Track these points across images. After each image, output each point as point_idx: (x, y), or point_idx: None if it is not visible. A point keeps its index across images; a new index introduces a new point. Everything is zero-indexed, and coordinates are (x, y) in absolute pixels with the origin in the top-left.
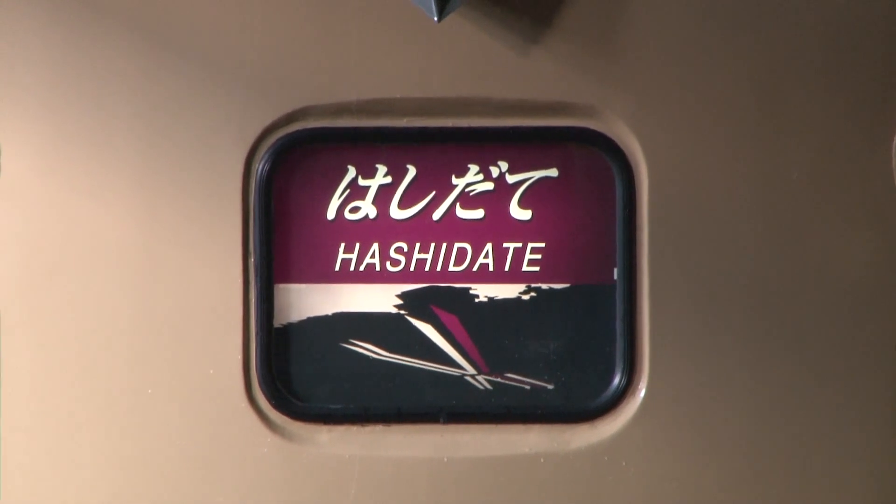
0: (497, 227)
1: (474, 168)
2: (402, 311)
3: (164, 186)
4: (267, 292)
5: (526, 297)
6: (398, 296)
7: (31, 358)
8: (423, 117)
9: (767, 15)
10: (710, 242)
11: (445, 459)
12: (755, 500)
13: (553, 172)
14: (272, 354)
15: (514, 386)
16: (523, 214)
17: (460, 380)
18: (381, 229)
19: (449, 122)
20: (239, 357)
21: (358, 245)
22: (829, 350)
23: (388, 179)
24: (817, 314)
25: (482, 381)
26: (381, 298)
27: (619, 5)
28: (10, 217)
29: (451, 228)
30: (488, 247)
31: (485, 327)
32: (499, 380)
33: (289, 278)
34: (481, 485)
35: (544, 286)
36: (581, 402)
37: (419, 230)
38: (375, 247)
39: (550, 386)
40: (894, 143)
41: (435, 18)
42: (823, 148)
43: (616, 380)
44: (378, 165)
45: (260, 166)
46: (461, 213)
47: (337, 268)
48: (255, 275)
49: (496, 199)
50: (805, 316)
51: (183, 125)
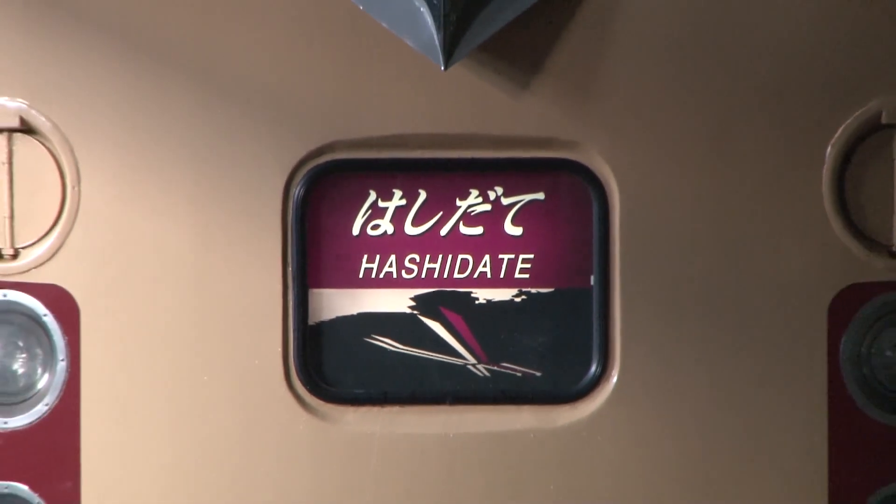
0: (494, 241)
1: (475, 192)
2: (415, 311)
3: (216, 208)
4: (302, 296)
5: (518, 299)
6: (411, 298)
7: (106, 349)
8: (431, 150)
9: (719, 66)
10: (671, 254)
11: (451, 435)
12: (709, 470)
13: (540, 196)
14: (307, 348)
15: (508, 373)
16: (516, 231)
17: (463, 368)
18: (397, 243)
19: (453, 154)
20: (279, 350)
21: (378, 256)
22: (767, 345)
23: (403, 202)
24: (757, 315)
25: (482, 370)
26: (397, 301)
27: (596, 58)
28: (90, 233)
29: (456, 242)
30: (486, 258)
31: (484, 324)
32: (495, 368)
33: (320, 284)
34: (481, 456)
35: (533, 290)
36: (564, 387)
37: (429, 244)
38: (392, 258)
39: (538, 373)
40: (824, 171)
41: (442, 67)
42: (763, 175)
43: (593, 368)
44: (394, 190)
45: (296, 191)
46: (464, 229)
47: (360, 275)
48: (293, 281)
49: (493, 219)
50: (748, 316)
51: (231, 157)
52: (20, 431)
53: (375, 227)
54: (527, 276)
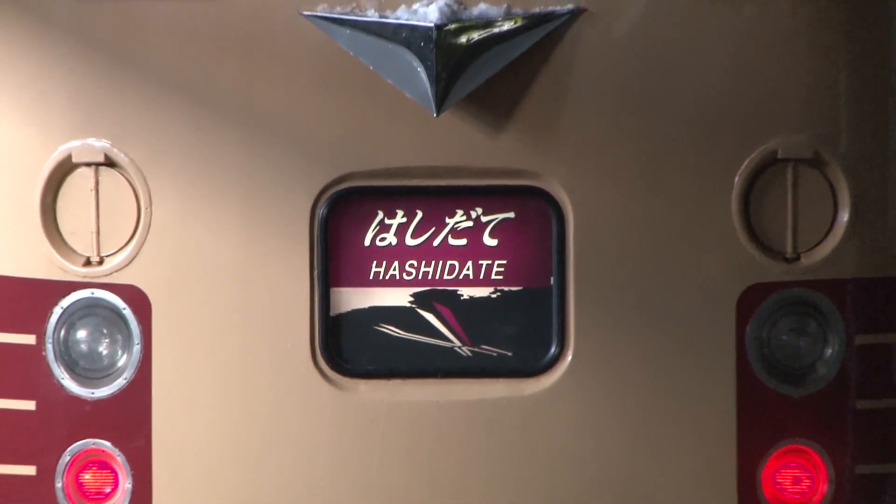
0: (475, 250)
1: (460, 212)
2: (413, 305)
3: (257, 224)
4: (325, 293)
5: (494, 295)
6: (410, 295)
7: (171, 335)
8: (426, 179)
9: (651, 112)
10: (613, 261)
11: (441, 402)
12: (643, 428)
13: (512, 215)
14: (329, 334)
15: (486, 353)
16: (492, 242)
17: (451, 349)
18: (399, 252)
19: (443, 182)
20: (307, 336)
21: (384, 262)
22: (689, 331)
23: (404, 219)
24: (681, 308)
25: (465, 351)
26: (399, 297)
27: (555, 106)
28: (159, 244)
29: (445, 251)
30: (469, 263)
31: (467, 315)
32: (476, 349)
33: (339, 284)
34: (465, 418)
35: (506, 288)
36: (530, 364)
37: (424, 252)
38: (396, 263)
39: (510, 353)
40: (733, 195)
41: (434, 115)
42: (685, 198)
43: (552, 349)
44: (397, 210)
45: (320, 211)
46: (452, 241)
47: (370, 277)
48: (318, 282)
49: (474, 233)
50: (674, 309)
51: (269, 184)
52: (104, 400)
53: (382, 239)
54: (501, 277)
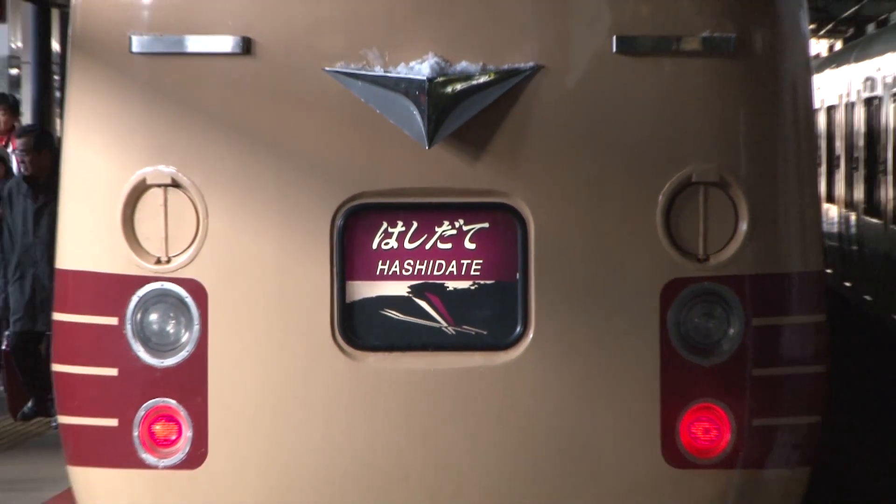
0: (458, 252)
1: (447, 222)
2: (410, 294)
3: (290, 231)
4: (342, 285)
5: (473, 287)
6: (408, 287)
7: (224, 318)
8: (420, 197)
9: (597, 142)
10: (565, 261)
11: (432, 370)
12: (589, 390)
13: (486, 225)
14: (345, 317)
15: (466, 332)
16: (472, 246)
17: (440, 329)
18: (399, 254)
19: (434, 199)
20: (328, 318)
21: (388, 261)
22: (624, 316)
23: (403, 228)
24: (618, 298)
25: (451, 330)
26: (399, 288)
27: (521, 138)
28: (214, 247)
29: (435, 253)
30: (454, 262)
31: (452, 302)
32: (459, 329)
33: (353, 278)
34: (451, 383)
35: (482, 282)
36: (501, 340)
37: (419, 254)
38: (397, 262)
39: (485, 332)
40: (657, 210)
41: (426, 147)
42: (623, 211)
43: (518, 329)
44: (398, 221)
45: (338, 222)
46: (440, 245)
47: (377, 273)
48: (336, 276)
49: (458, 239)
50: (613, 299)
51: (298, 200)
52: (171, 368)
53: (386, 243)
54: (478, 273)
